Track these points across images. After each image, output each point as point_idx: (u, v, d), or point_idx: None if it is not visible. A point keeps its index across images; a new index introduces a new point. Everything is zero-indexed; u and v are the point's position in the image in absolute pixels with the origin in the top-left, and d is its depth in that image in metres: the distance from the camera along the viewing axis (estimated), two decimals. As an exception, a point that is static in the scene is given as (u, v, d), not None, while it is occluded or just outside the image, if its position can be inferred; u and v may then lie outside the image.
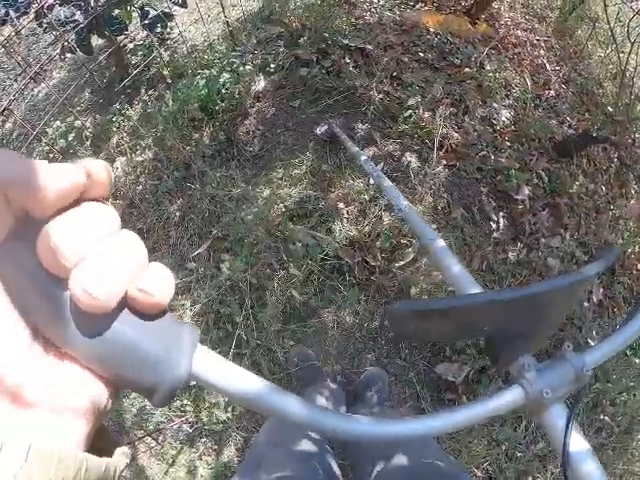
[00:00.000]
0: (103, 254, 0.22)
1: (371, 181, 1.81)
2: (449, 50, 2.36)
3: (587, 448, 0.40)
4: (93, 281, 0.21)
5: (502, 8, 2.89)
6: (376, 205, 1.77)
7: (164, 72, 2.15)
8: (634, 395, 1.73)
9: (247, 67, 1.97)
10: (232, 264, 1.57)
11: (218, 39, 2.17)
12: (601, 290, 2.00)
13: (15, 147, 1.90)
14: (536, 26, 2.94)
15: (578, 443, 0.40)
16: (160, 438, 1.63)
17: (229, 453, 1.61)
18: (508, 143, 2.13)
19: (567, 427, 0.40)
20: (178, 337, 0.26)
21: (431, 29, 2.38)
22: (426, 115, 2.01)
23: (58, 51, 1.70)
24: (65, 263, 0.21)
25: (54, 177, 0.21)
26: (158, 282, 0.24)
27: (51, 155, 1.88)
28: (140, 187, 1.90)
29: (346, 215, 1.75)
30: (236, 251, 1.68)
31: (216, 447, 1.62)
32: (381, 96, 2.06)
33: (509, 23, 2.84)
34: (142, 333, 0.24)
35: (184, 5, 2.21)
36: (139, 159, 1.93)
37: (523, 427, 1.62)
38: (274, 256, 1.68)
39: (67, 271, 0.21)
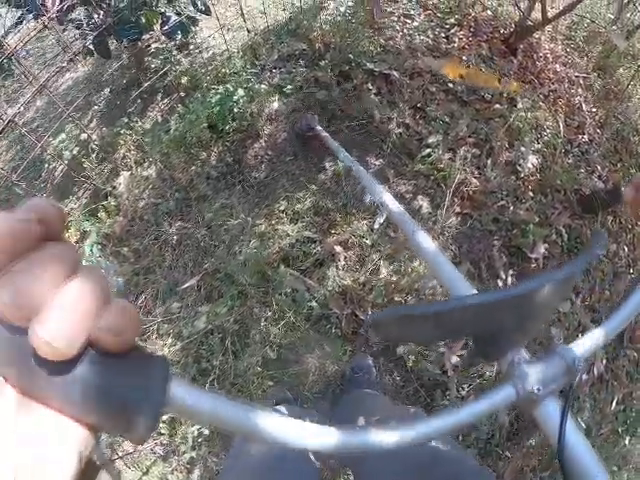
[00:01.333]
0: (61, 301, 0.20)
1: (375, 225, 1.63)
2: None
3: (583, 440, 0.39)
4: (52, 331, 0.19)
5: (542, 38, 2.61)
6: (377, 252, 1.59)
7: (181, 81, 1.98)
8: (616, 480, 1.55)
9: (263, 86, 1.79)
10: (213, 309, 1.43)
11: (238, 52, 1.98)
12: (604, 362, 1.79)
13: (20, 157, 1.78)
14: (576, 60, 2.65)
15: (574, 435, 0.38)
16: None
17: (200, 472, 1.50)
18: (531, 193, 1.91)
19: (562, 420, 0.38)
20: (149, 372, 0.24)
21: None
22: (446, 156, 1.80)
23: (66, 62, 1.55)
24: (22, 315, 0.20)
25: (7, 227, 0.20)
26: (121, 320, 0.22)
27: (57, 165, 1.74)
28: (142, 204, 1.76)
29: (343, 261, 1.58)
30: (224, 289, 1.53)
31: (188, 466, 1.51)
32: (400, 130, 1.85)
33: (548, 56, 2.56)
34: (110, 373, 0.22)
35: (207, 12, 2.02)
36: (144, 174, 1.79)
37: None
38: (261, 299, 1.53)
39: (25, 321, 0.20)
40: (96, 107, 2.13)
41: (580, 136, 2.23)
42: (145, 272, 1.69)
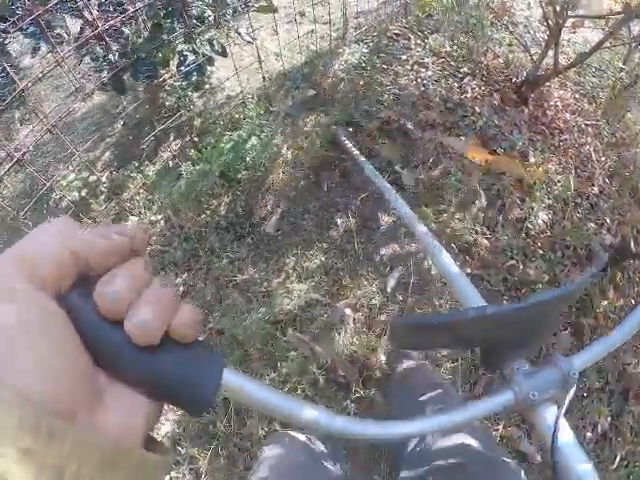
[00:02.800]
0: (150, 299, 0.24)
1: (388, 288, 1.52)
2: (493, 135, 2.01)
3: (576, 445, 0.39)
4: (144, 320, 0.23)
5: (552, 86, 2.50)
6: (384, 313, 1.48)
7: (194, 122, 1.88)
8: None
9: (277, 138, 1.68)
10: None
11: (252, 97, 1.88)
12: (608, 420, 1.67)
13: (27, 194, 1.67)
14: (585, 107, 2.54)
15: (567, 441, 0.39)
16: None
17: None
18: (540, 251, 1.80)
19: (555, 425, 0.38)
20: (209, 359, 0.28)
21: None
22: (457, 216, 1.69)
23: (79, 102, 1.44)
24: (119, 309, 0.23)
25: (111, 243, 0.24)
26: (192, 316, 0.26)
27: (63, 205, 1.63)
28: (148, 250, 1.64)
29: (352, 324, 1.46)
30: (228, 351, 1.41)
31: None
32: (413, 184, 1.75)
33: (558, 104, 2.45)
34: (182, 358, 0.26)
35: (224, 54, 1.92)
36: (152, 219, 1.67)
37: None
38: (266, 362, 1.41)
39: (120, 315, 0.23)
40: (108, 139, 2.02)
41: (590, 188, 2.12)
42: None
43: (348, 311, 1.47)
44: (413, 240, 1.66)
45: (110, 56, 1.71)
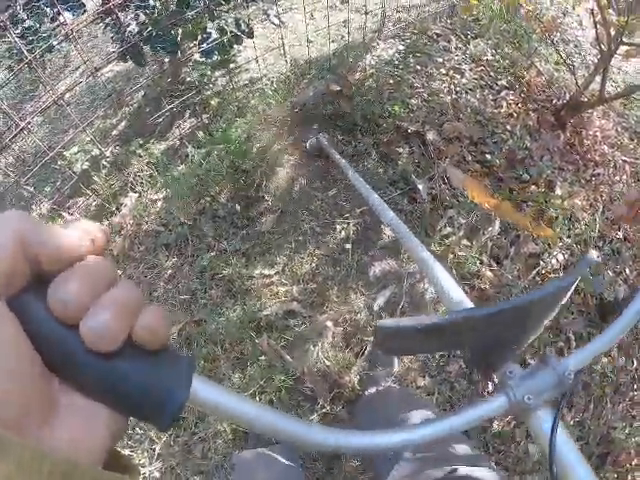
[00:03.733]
0: (108, 301, 0.22)
1: (375, 307, 1.39)
2: (521, 158, 1.82)
3: (574, 448, 0.37)
4: (100, 325, 0.21)
5: (595, 114, 2.26)
6: (367, 330, 1.37)
7: (210, 102, 1.75)
8: None
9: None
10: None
11: (272, 84, 1.73)
12: None
13: (31, 163, 1.58)
14: (626, 141, 2.30)
15: (565, 444, 0.37)
16: None
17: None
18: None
19: (552, 429, 0.36)
20: (178, 367, 0.25)
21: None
22: (464, 242, 1.54)
23: (86, 78, 1.33)
24: (74, 313, 0.21)
25: (67, 241, 0.22)
26: (156, 320, 0.23)
27: (66, 175, 1.55)
28: (144, 228, 1.56)
29: (330, 338, 1.35)
30: (201, 344, 1.33)
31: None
32: (426, 199, 1.59)
33: (597, 134, 2.22)
34: (146, 366, 0.23)
35: (250, 35, 1.77)
36: (152, 197, 1.58)
37: None
38: (234, 363, 1.32)
39: (75, 319, 0.21)
40: (126, 109, 1.92)
41: (615, 232, 1.92)
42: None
43: (329, 324, 1.36)
44: (412, 258, 1.52)
45: (130, 27, 1.59)
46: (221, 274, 1.44)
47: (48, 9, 1.47)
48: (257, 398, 1.29)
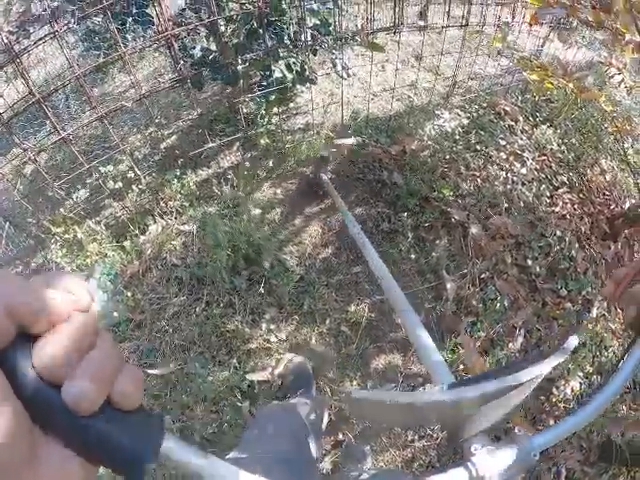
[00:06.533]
0: (87, 367, 0.21)
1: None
2: (564, 269, 1.54)
3: None
4: (80, 391, 0.20)
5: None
6: (351, 423, 1.17)
7: (261, 140, 1.55)
8: None
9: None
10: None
11: (320, 140, 1.51)
12: None
13: (66, 171, 1.43)
14: (679, 257, 1.95)
15: None
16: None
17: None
18: (552, 421, 1.36)
19: None
20: (149, 427, 0.24)
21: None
22: (479, 345, 1.29)
23: (130, 102, 1.16)
24: (56, 375, 0.20)
25: (51, 304, 0.21)
26: (132, 386, 0.23)
27: (97, 185, 1.39)
28: (162, 256, 1.39)
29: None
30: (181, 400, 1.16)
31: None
32: (452, 297, 1.34)
33: (651, 248, 1.89)
34: (121, 427, 0.23)
35: (313, 82, 1.55)
36: (179, 227, 1.41)
37: None
38: (211, 422, 1.15)
39: (58, 379, 0.20)
40: (181, 123, 1.74)
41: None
42: (135, 326, 1.35)
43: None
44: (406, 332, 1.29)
45: (195, 51, 1.40)
46: (224, 328, 1.26)
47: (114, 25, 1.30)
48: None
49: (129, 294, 1.37)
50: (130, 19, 1.40)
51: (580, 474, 1.36)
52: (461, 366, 1.28)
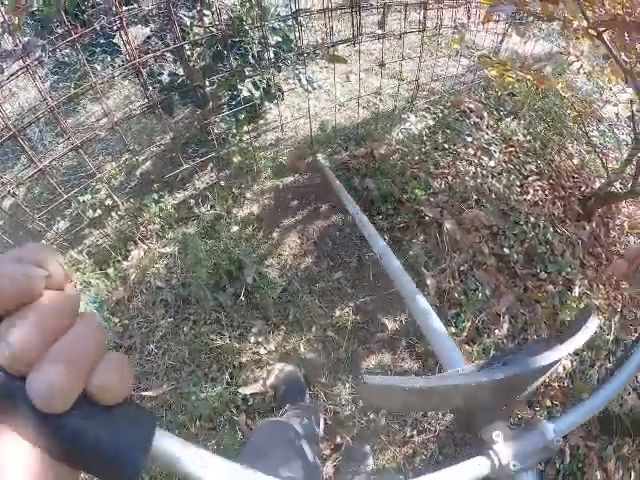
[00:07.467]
0: (57, 356, 0.17)
1: (361, 402, 1.20)
2: (541, 254, 1.58)
3: None
4: (48, 387, 0.16)
5: (624, 202, 1.99)
6: (348, 424, 1.18)
7: (233, 158, 1.59)
8: None
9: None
10: None
11: (296, 146, 1.55)
12: None
13: (45, 203, 1.45)
14: (656, 231, 2.01)
15: None
16: None
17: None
18: (548, 402, 1.39)
19: None
20: (137, 424, 0.21)
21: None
22: (466, 347, 1.31)
23: (103, 131, 1.19)
24: (19, 366, 0.17)
25: (16, 280, 0.17)
26: (114, 377, 0.19)
27: (76, 214, 1.42)
28: (146, 280, 1.41)
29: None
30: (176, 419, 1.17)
31: None
32: (437, 301, 1.38)
33: (625, 225, 1.95)
34: (101, 425, 0.19)
35: (280, 98, 1.60)
36: (161, 250, 1.43)
37: None
38: (209, 437, 1.16)
39: (23, 371, 0.17)
40: (155, 148, 1.77)
41: (631, 335, 1.65)
42: (125, 351, 1.35)
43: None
44: (412, 357, 1.31)
45: (162, 77, 1.45)
46: (212, 345, 1.27)
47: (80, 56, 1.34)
48: None
49: (116, 320, 1.38)
50: (98, 49, 1.45)
51: (584, 449, 1.38)
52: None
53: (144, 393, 1.23)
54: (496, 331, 1.39)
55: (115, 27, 1.35)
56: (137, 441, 0.20)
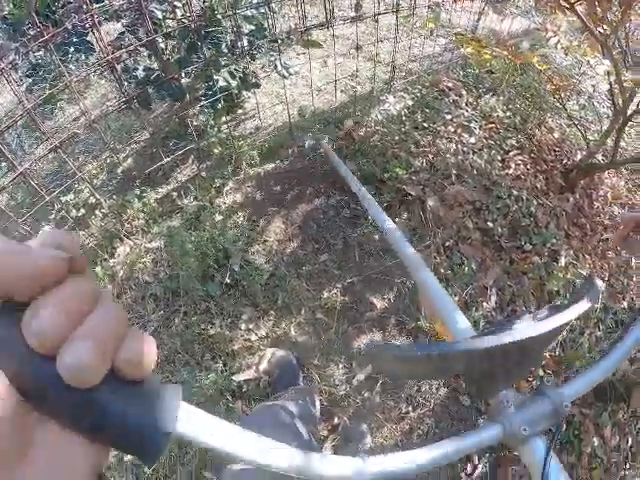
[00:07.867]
0: (86, 333, 0.18)
1: (354, 381, 1.21)
2: (525, 226, 1.60)
3: (566, 479, 0.34)
4: (78, 361, 0.17)
5: (606, 172, 2.01)
6: (344, 405, 1.19)
7: (214, 149, 1.59)
8: None
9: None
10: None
11: (275, 133, 1.55)
12: None
13: (27, 208, 1.45)
14: (638, 201, 2.03)
15: (557, 474, 0.33)
16: None
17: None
18: (541, 371, 1.41)
19: (546, 459, 0.33)
20: (162, 398, 0.21)
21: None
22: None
23: (84, 128, 1.18)
24: (49, 345, 0.17)
25: (42, 265, 0.17)
26: (139, 352, 0.20)
27: (61, 215, 1.41)
28: (135, 276, 1.41)
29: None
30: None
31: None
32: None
33: (608, 195, 1.97)
34: (128, 399, 0.20)
35: (256, 86, 1.60)
36: (147, 245, 1.43)
37: None
38: None
39: (52, 351, 0.17)
40: (135, 144, 1.77)
41: (619, 303, 1.67)
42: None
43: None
44: (402, 333, 1.33)
45: (137, 72, 1.44)
46: (204, 335, 1.28)
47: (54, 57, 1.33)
48: None
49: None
50: (72, 49, 1.44)
51: (580, 417, 1.41)
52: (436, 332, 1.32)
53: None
54: (484, 304, 1.41)
55: (87, 25, 1.34)
56: (162, 414, 0.20)
